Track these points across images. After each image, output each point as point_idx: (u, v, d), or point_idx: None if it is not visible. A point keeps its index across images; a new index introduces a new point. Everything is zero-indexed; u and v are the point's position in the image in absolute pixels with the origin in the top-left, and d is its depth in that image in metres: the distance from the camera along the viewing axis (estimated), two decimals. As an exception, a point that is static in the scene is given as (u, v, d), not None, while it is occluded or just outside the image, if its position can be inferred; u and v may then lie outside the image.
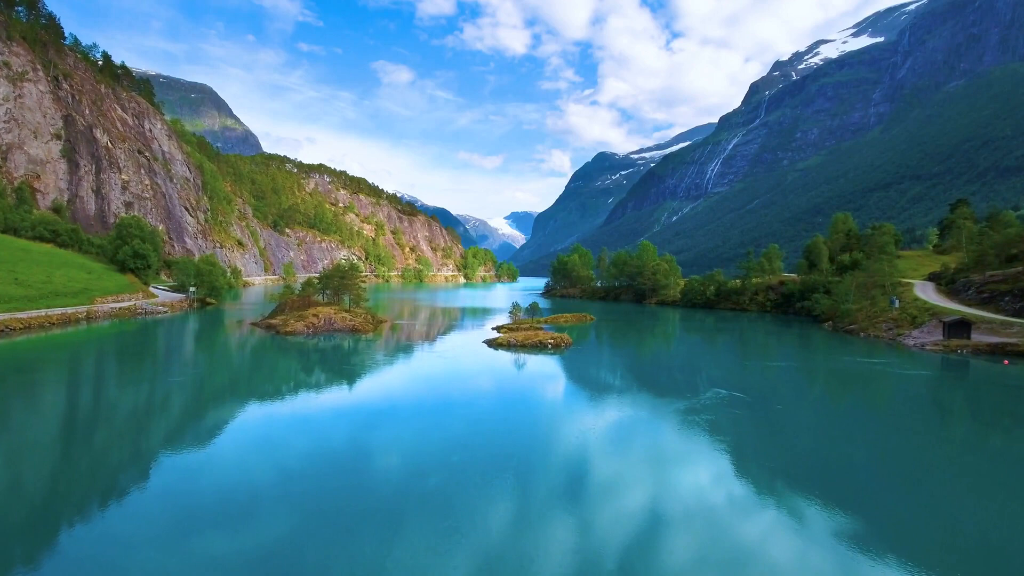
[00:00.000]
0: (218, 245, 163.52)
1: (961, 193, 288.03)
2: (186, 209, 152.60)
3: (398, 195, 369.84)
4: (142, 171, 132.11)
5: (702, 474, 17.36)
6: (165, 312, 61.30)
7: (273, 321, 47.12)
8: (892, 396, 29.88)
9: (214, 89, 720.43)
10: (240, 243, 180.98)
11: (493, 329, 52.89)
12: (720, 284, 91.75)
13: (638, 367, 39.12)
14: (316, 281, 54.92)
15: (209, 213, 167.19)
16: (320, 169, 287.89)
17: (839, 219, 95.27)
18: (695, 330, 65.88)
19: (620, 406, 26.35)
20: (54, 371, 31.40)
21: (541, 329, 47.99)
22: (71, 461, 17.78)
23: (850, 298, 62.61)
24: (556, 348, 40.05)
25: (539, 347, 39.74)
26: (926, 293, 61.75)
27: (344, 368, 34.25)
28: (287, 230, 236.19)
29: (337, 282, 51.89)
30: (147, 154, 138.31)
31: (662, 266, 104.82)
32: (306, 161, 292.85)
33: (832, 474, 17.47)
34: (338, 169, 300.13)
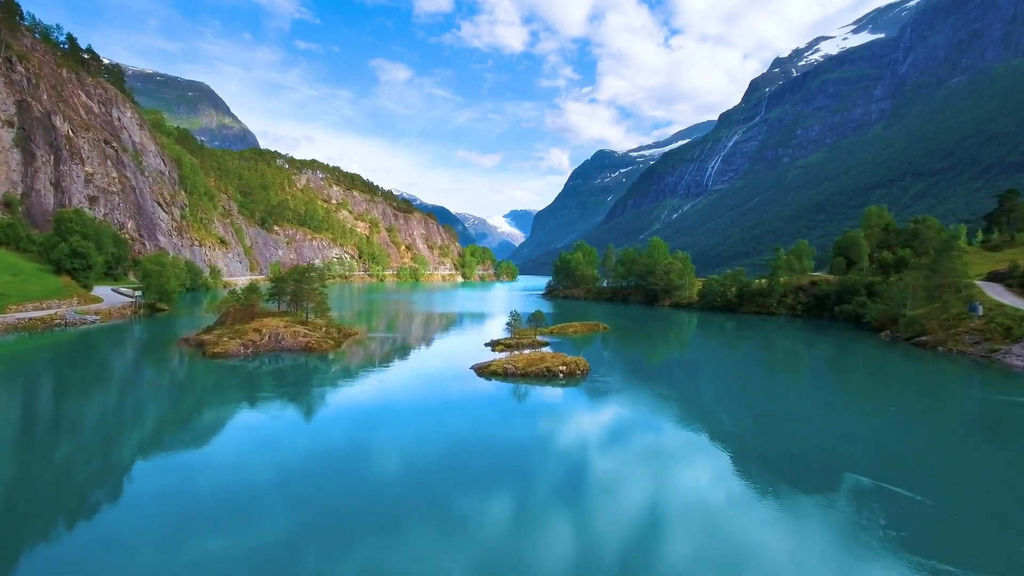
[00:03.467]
0: (196, 243, 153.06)
1: (965, 190, 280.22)
2: (159, 204, 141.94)
3: (396, 193, 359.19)
4: (108, 163, 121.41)
5: None
6: (95, 322, 51.07)
7: (206, 337, 36.85)
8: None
9: (212, 88, 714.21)
10: (223, 241, 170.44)
11: (487, 345, 42.22)
12: (743, 285, 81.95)
13: (693, 416, 25.08)
14: (268, 284, 44.45)
15: (187, 209, 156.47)
16: (312, 165, 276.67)
17: (873, 212, 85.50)
18: (732, 342, 55.01)
19: (694, 513, 16.45)
20: None
21: (547, 347, 38.03)
22: None
23: (908, 302, 53.04)
24: (569, 376, 29.70)
25: (546, 376, 29.50)
26: (999, 296, 52.31)
27: (260, 411, 24.26)
28: (276, 228, 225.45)
29: (293, 287, 41.44)
30: (115, 144, 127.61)
31: (676, 265, 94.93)
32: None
33: None
34: (332, 165, 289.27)
